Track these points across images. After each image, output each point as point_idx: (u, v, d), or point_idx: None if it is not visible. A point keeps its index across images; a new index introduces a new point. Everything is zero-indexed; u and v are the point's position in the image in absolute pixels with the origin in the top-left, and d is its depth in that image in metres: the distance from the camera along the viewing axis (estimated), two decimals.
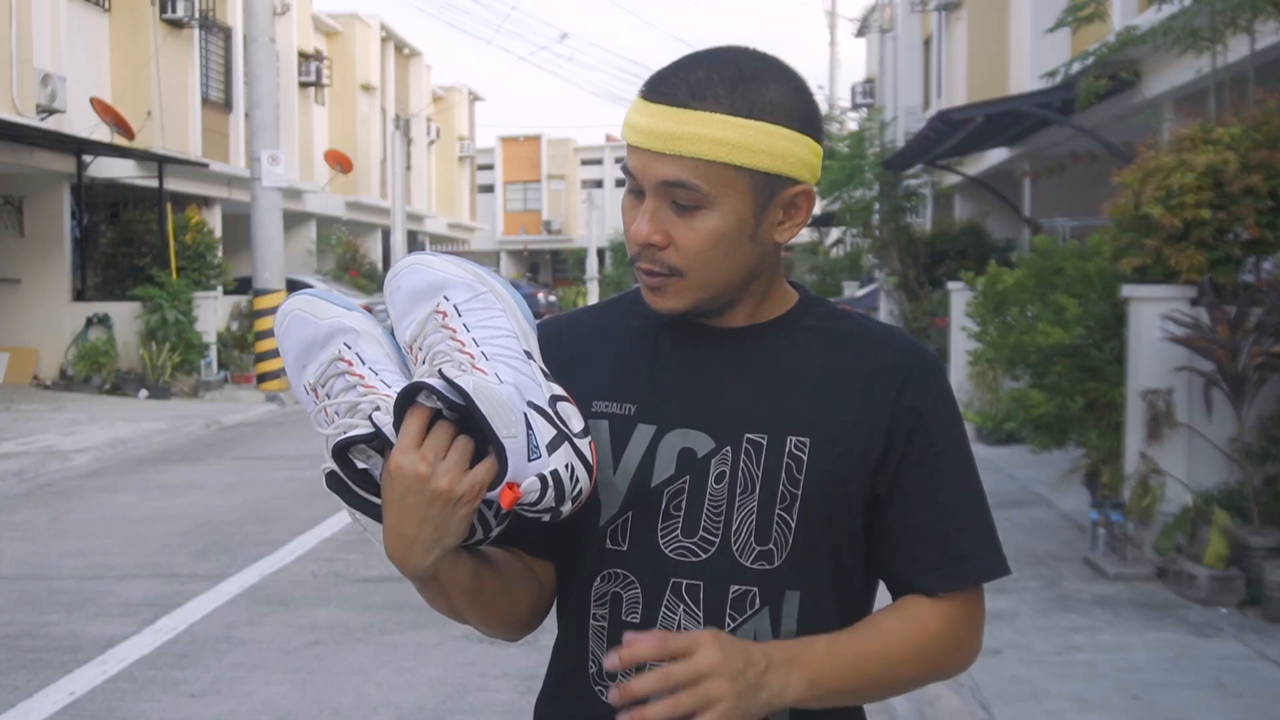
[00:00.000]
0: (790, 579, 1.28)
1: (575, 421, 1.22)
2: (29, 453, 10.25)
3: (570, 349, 1.39)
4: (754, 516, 1.28)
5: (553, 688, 1.39)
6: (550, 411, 1.20)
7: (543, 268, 55.32)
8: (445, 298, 1.25)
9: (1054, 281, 6.66)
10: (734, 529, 1.28)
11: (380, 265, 28.37)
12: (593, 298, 44.74)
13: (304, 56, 25.01)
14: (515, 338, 1.24)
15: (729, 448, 1.29)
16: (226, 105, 20.04)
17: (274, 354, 15.25)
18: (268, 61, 15.18)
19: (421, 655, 4.91)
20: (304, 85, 25.13)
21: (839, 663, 1.25)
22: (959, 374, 10.47)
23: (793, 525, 1.28)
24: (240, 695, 4.54)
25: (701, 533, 1.28)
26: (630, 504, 1.29)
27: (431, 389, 1.15)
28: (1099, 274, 6.47)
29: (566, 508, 1.19)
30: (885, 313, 15.89)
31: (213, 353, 15.69)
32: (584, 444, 1.20)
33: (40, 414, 12.73)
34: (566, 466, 1.18)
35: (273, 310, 15.03)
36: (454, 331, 1.22)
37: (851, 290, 20.31)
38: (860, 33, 32.02)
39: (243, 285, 17.09)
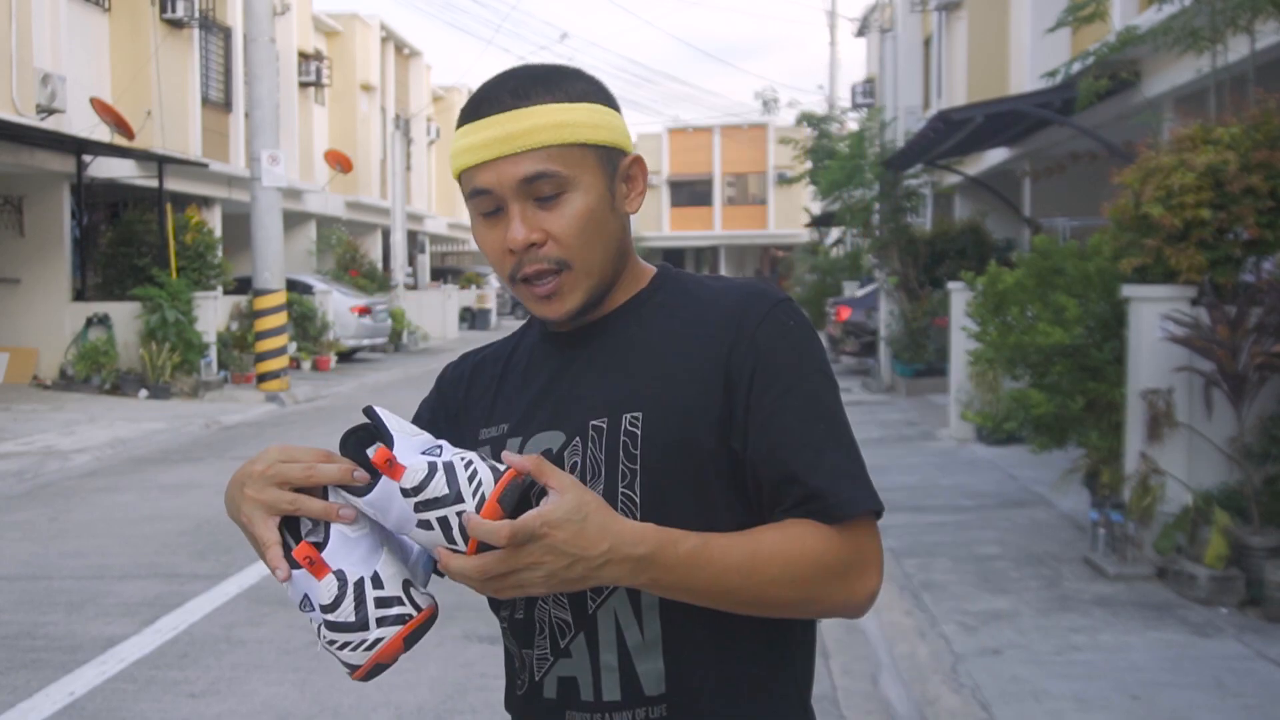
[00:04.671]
0: None
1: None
2: (29, 453, 10.25)
3: (465, 386, 1.49)
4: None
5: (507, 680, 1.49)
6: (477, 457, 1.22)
7: None
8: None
9: (1054, 281, 6.66)
10: None
11: (380, 265, 28.36)
12: None
13: (304, 56, 25.00)
14: None
15: (578, 438, 1.33)
16: (226, 105, 20.04)
17: (274, 354, 15.27)
18: (268, 61, 15.17)
19: (421, 655, 4.90)
20: (304, 85, 25.12)
21: (692, 571, 1.22)
22: (959, 374, 10.47)
23: (637, 501, 1.29)
24: (240, 695, 4.54)
25: None
26: None
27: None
28: (1099, 274, 6.47)
29: (467, 505, 1.15)
30: (885, 312, 15.89)
31: (213, 353, 15.69)
32: (499, 465, 1.19)
33: (40, 414, 12.73)
34: (464, 461, 1.17)
35: (273, 310, 15.12)
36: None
37: (851, 290, 20.31)
38: (860, 33, 32.02)
39: (243, 285, 17.08)
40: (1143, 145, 6.48)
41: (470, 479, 1.15)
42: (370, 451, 1.20)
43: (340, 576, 1.18)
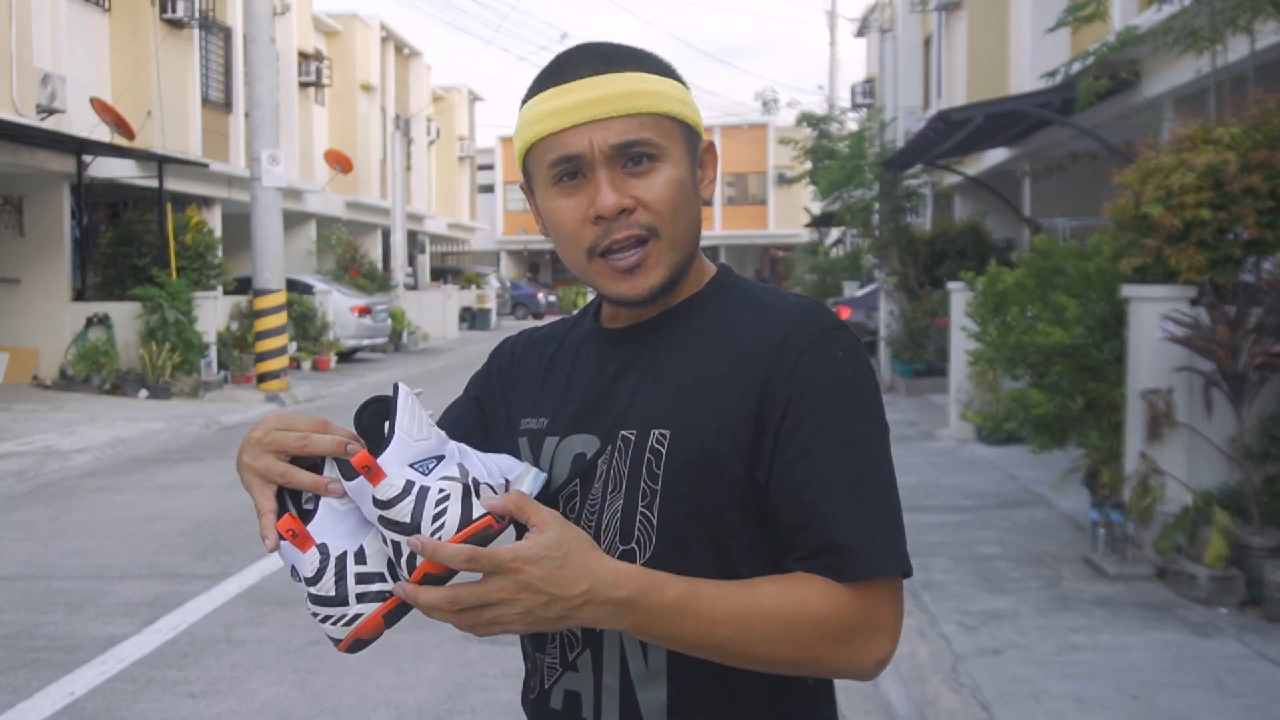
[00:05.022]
0: None
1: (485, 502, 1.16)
2: (29, 453, 10.25)
3: (515, 365, 1.45)
4: (619, 515, 1.25)
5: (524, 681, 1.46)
6: (479, 486, 1.17)
7: (543, 268, 55.33)
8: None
9: (1054, 281, 6.66)
10: (603, 529, 1.26)
11: (380, 265, 28.37)
12: (592, 297, 44.75)
13: (304, 56, 25.01)
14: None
15: (609, 446, 1.27)
16: (226, 105, 20.04)
17: (274, 354, 15.27)
18: (268, 61, 15.17)
19: (421, 655, 4.91)
20: (304, 85, 25.12)
21: (679, 620, 1.15)
22: (959, 374, 10.47)
23: (654, 523, 1.24)
24: (240, 695, 4.54)
25: None
26: None
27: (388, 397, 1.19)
28: (1099, 274, 6.47)
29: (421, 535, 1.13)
30: (885, 312, 15.90)
31: (213, 353, 15.69)
32: (476, 510, 1.14)
33: (40, 414, 12.73)
34: (441, 495, 1.13)
35: (273, 310, 15.12)
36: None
37: (851, 290, 20.30)
38: (860, 33, 32.02)
39: (243, 285, 17.09)
40: (1143, 145, 6.48)
41: (436, 516, 1.12)
42: (384, 423, 1.19)
43: (323, 550, 1.17)
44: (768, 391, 1.22)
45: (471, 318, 34.03)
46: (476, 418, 1.44)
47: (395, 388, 1.19)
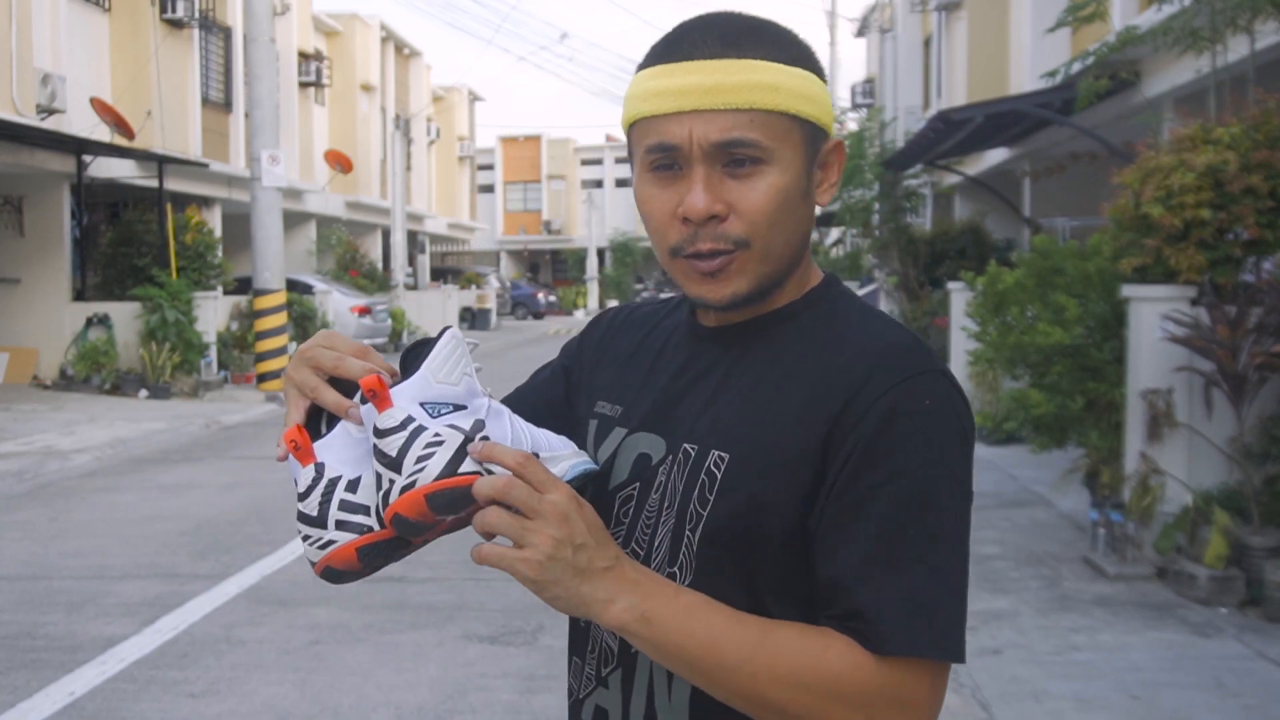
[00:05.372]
0: None
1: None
2: (29, 453, 10.25)
3: (607, 341, 1.38)
4: (669, 535, 1.18)
5: None
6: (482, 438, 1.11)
7: (543, 268, 55.36)
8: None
9: (1054, 281, 6.67)
10: (655, 544, 1.19)
11: (380, 265, 28.38)
12: (592, 298, 44.78)
13: (304, 56, 25.02)
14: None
15: (672, 456, 1.19)
16: (226, 105, 20.05)
17: (274, 354, 15.27)
18: (268, 61, 15.18)
19: (421, 655, 4.91)
20: (304, 85, 25.13)
21: (690, 625, 1.06)
22: (959, 374, 10.48)
23: (695, 550, 1.15)
24: (240, 695, 4.54)
25: (633, 545, 1.21)
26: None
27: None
28: (1099, 274, 6.47)
29: (398, 480, 1.08)
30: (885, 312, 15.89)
31: (213, 353, 15.69)
32: (468, 465, 1.08)
33: (40, 414, 12.73)
34: (435, 439, 1.08)
35: (273, 310, 15.12)
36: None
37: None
38: (860, 33, 32.03)
39: (243, 285, 17.10)
40: (1143, 145, 6.48)
41: (420, 459, 1.07)
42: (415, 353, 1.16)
43: (319, 469, 1.15)
44: (837, 431, 1.09)
45: (471, 318, 34.03)
46: (560, 386, 1.39)
47: (443, 331, 1.16)
